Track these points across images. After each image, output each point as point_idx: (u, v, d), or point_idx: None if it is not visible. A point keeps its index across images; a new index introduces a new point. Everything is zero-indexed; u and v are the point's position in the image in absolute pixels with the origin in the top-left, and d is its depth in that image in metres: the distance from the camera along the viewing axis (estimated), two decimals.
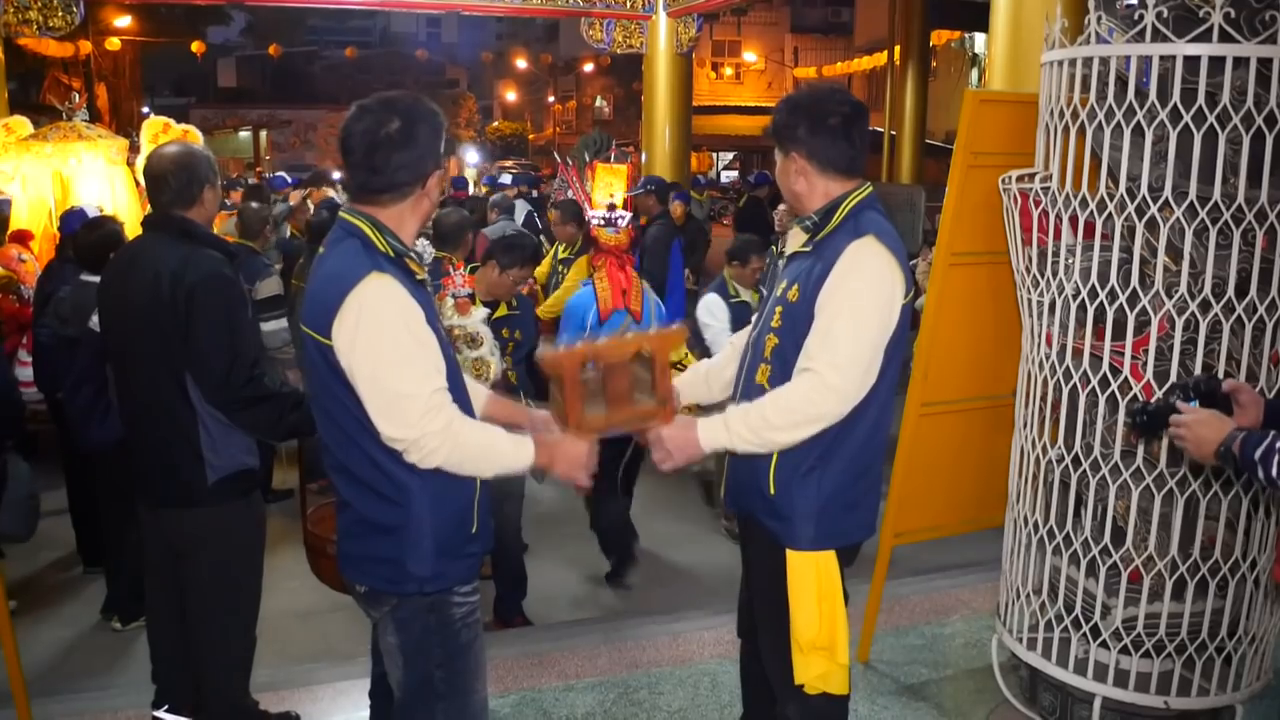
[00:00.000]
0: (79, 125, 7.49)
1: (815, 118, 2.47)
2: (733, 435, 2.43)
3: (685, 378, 2.86)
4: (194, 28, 23.92)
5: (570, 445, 2.37)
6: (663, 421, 2.47)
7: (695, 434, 2.45)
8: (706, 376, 2.87)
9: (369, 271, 2.14)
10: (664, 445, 2.47)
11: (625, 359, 2.44)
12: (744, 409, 2.47)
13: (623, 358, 2.43)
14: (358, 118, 2.20)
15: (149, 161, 3.12)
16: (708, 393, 2.84)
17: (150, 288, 2.92)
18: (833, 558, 2.54)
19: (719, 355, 2.90)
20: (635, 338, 2.45)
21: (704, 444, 2.45)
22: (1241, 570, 3.03)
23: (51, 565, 5.25)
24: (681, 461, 2.49)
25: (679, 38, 10.02)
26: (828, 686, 2.55)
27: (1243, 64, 2.71)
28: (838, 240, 2.43)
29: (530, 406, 2.79)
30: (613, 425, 2.47)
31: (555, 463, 2.35)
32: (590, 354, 2.42)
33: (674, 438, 2.46)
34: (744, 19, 30.73)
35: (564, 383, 2.36)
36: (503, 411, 2.64)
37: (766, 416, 2.40)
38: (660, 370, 2.44)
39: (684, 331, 2.53)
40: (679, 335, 2.48)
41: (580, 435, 2.38)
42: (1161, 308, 2.86)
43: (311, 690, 3.73)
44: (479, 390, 2.64)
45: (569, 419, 2.39)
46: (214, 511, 3.04)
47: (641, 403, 2.47)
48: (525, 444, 2.32)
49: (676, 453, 2.47)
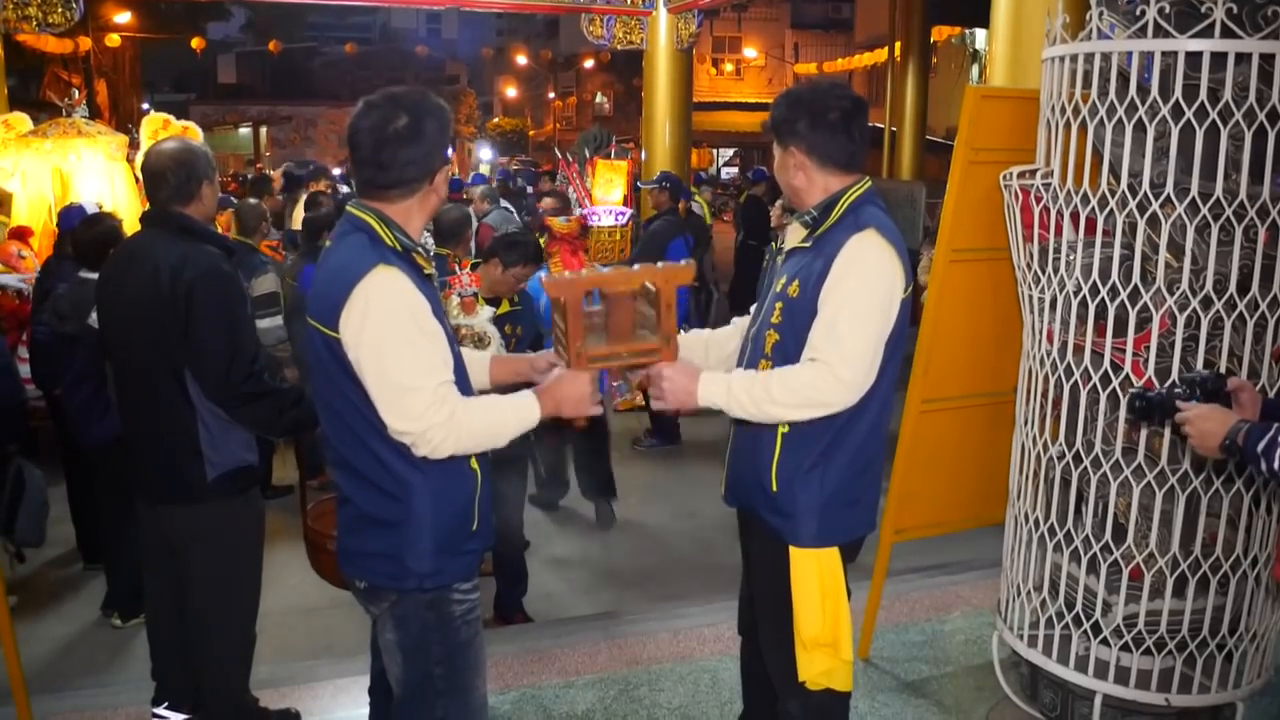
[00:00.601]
0: (79, 122, 7.50)
1: (815, 112, 2.47)
2: (732, 398, 2.40)
3: (686, 339, 2.79)
4: (194, 24, 23.92)
5: (570, 382, 2.33)
6: (665, 359, 2.43)
7: (695, 385, 2.41)
8: (706, 344, 2.83)
9: (376, 264, 2.14)
10: (662, 385, 2.42)
11: (630, 292, 2.39)
12: (750, 376, 2.43)
13: (627, 290, 2.39)
14: (365, 114, 2.20)
15: (147, 158, 3.12)
16: (703, 359, 2.79)
17: (149, 284, 2.91)
18: (835, 554, 2.54)
19: (722, 329, 2.87)
20: (642, 271, 2.40)
21: (701, 397, 2.41)
22: (1243, 567, 3.02)
23: (51, 562, 5.25)
24: (674, 405, 2.44)
25: (679, 34, 10.01)
26: (831, 683, 2.55)
27: (1245, 60, 2.70)
28: (838, 235, 2.43)
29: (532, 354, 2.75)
30: (614, 357, 2.42)
31: (560, 405, 2.32)
32: (595, 283, 2.37)
33: (673, 381, 2.41)
34: (744, 15, 30.70)
35: (567, 312, 2.32)
36: (507, 369, 2.64)
37: (771, 391, 2.37)
38: (665, 307, 2.38)
39: (692, 267, 2.49)
40: (687, 271, 2.43)
41: (580, 367, 2.35)
42: (1163, 304, 2.86)
43: (312, 687, 3.72)
44: (482, 357, 2.64)
45: (570, 349, 2.35)
46: (213, 508, 3.04)
47: (644, 338, 2.44)
48: (528, 402, 2.29)
49: (671, 395, 2.42)
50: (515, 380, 2.53)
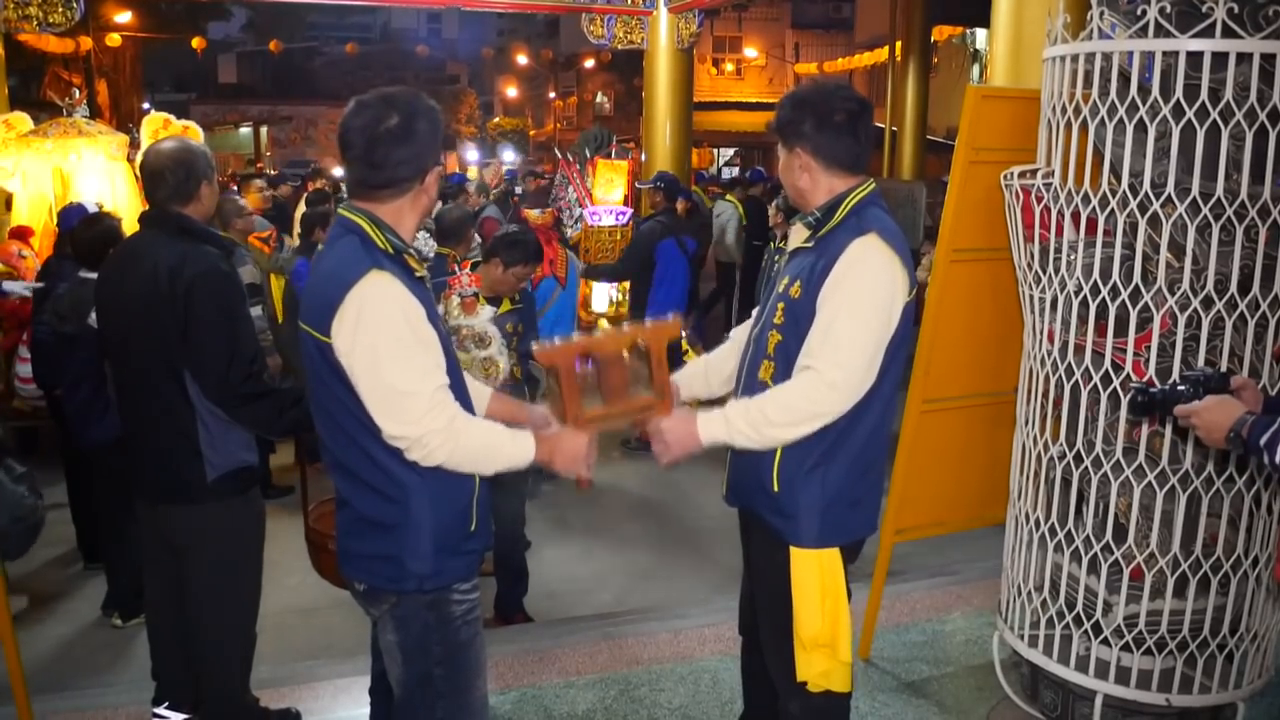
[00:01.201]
0: (79, 121, 7.49)
1: (821, 114, 2.47)
2: (732, 430, 2.43)
3: (685, 372, 2.85)
4: (194, 24, 23.90)
5: (569, 439, 2.37)
6: (661, 413, 2.47)
7: (695, 428, 2.45)
8: (706, 370, 2.86)
9: (369, 269, 2.13)
10: (663, 438, 2.46)
11: (620, 351, 2.43)
12: (744, 404, 2.46)
13: (618, 350, 2.43)
14: (356, 113, 2.20)
15: (146, 157, 3.11)
16: (707, 387, 2.84)
17: (148, 284, 2.91)
18: (836, 555, 2.54)
19: (719, 349, 2.90)
20: (631, 331, 2.46)
21: (703, 438, 2.45)
22: (1243, 568, 3.02)
23: (52, 562, 5.25)
24: (680, 455, 2.48)
25: (680, 33, 10.00)
26: (830, 684, 2.55)
27: (1246, 59, 2.70)
28: (840, 237, 2.43)
29: (530, 405, 2.79)
30: (610, 418, 2.46)
31: (555, 457, 2.35)
32: (585, 347, 2.41)
33: (673, 430, 2.46)
34: (745, 15, 30.65)
35: (560, 377, 2.36)
36: (504, 410, 2.64)
37: (767, 413, 2.40)
38: (657, 362, 2.44)
39: (679, 324, 2.52)
40: (674, 327, 2.47)
41: (579, 429, 2.38)
42: (1164, 304, 2.85)
43: (312, 687, 3.72)
44: (481, 390, 2.64)
45: (567, 413, 2.39)
46: (213, 509, 3.04)
47: (639, 395, 2.47)
48: (526, 440, 2.32)
49: (674, 446, 2.46)
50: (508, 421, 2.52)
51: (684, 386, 2.80)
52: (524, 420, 2.59)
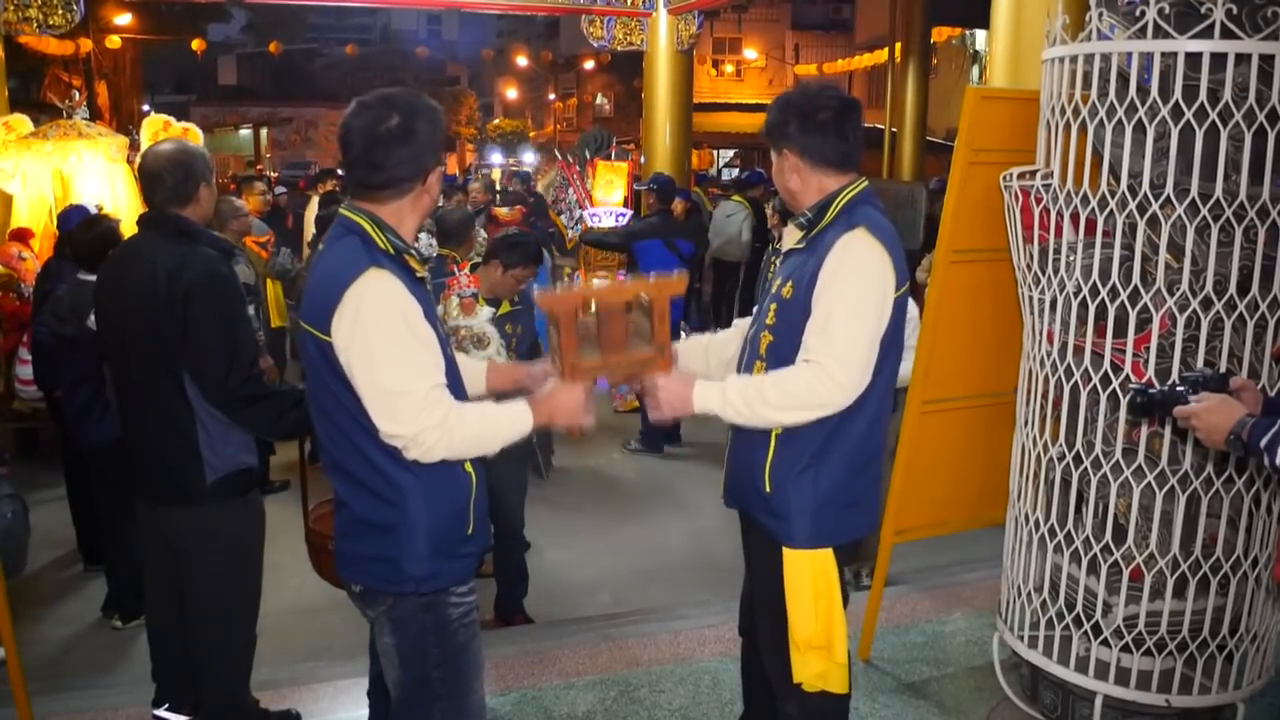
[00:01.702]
0: (79, 123, 7.49)
1: (805, 114, 2.48)
2: (727, 403, 2.42)
3: (685, 344, 2.83)
4: (194, 25, 23.87)
5: (565, 394, 2.35)
6: (660, 369, 2.44)
7: (690, 391, 2.43)
8: (707, 349, 2.84)
9: (367, 267, 2.14)
10: (657, 394, 2.44)
11: (622, 304, 2.40)
12: (744, 381, 2.45)
13: (620, 302, 2.40)
14: (357, 114, 2.20)
15: (144, 160, 3.12)
16: (704, 365, 2.81)
17: (147, 286, 2.91)
18: (830, 556, 2.53)
19: (723, 333, 2.88)
20: (634, 283, 2.43)
21: (697, 403, 2.43)
22: (1243, 568, 3.02)
23: (52, 563, 5.26)
24: (669, 415, 2.47)
25: (680, 35, 10.00)
26: (826, 685, 2.55)
27: (1244, 60, 2.70)
28: (830, 235, 2.43)
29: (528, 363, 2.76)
30: (608, 369, 2.43)
31: (554, 416, 2.34)
32: (587, 296, 2.39)
33: (668, 389, 2.44)
34: (744, 16, 30.63)
35: (560, 325, 2.33)
36: (504, 377, 2.64)
37: (765, 394, 2.39)
38: (659, 317, 2.40)
39: (684, 279, 2.50)
40: (679, 282, 2.44)
41: (575, 380, 2.36)
42: (1163, 305, 2.85)
43: (312, 688, 3.72)
44: (479, 365, 2.64)
45: (564, 362, 2.36)
46: (212, 511, 3.04)
47: (638, 349, 2.44)
48: (521, 410, 2.30)
49: (667, 405, 2.45)
50: (511, 388, 2.54)
51: (682, 357, 2.75)
52: (523, 380, 2.59)
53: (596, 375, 2.41)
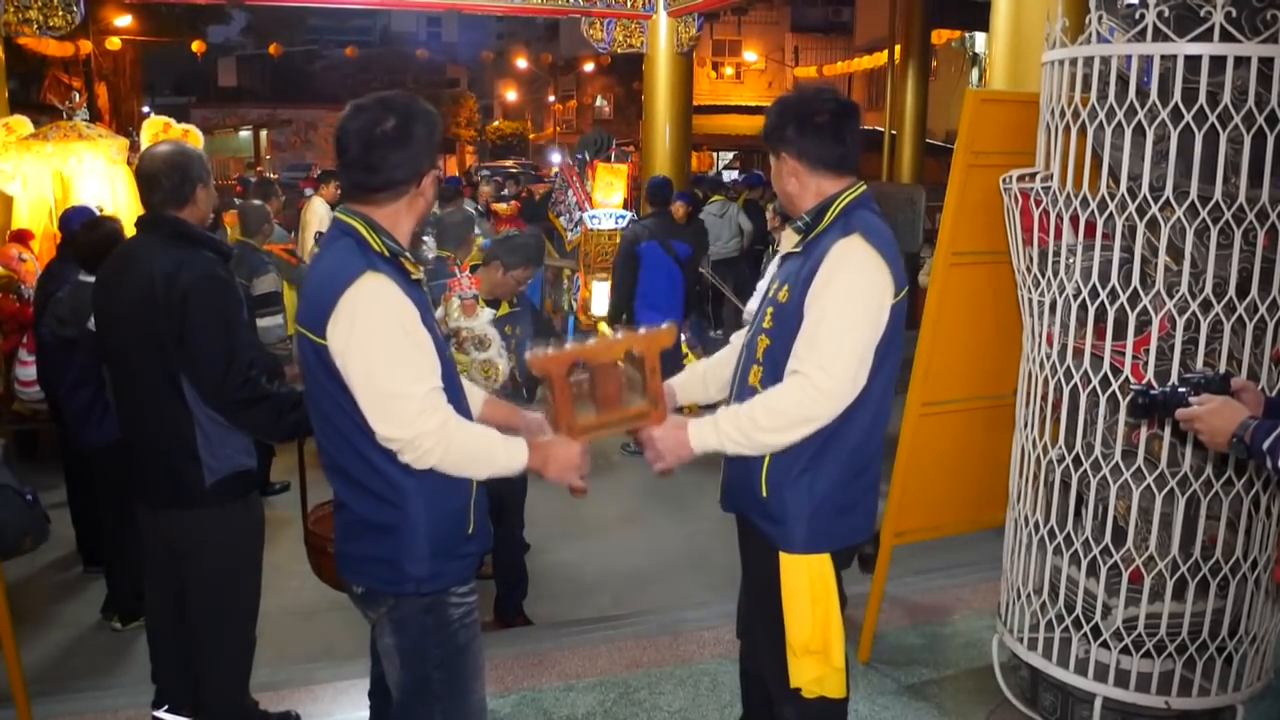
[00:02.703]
0: (79, 125, 7.49)
1: (802, 117, 2.48)
2: (722, 437, 2.42)
3: (682, 377, 2.85)
4: (194, 27, 23.89)
5: (562, 448, 2.37)
6: (654, 422, 2.47)
7: (686, 435, 2.45)
8: (704, 375, 2.86)
9: (363, 271, 2.14)
10: (655, 446, 2.46)
11: (614, 360, 2.43)
12: (734, 410, 2.45)
13: (611, 359, 2.43)
14: (352, 116, 2.21)
15: (141, 162, 3.12)
16: (704, 392, 2.83)
17: (145, 289, 2.91)
18: (826, 561, 2.52)
19: (718, 354, 2.89)
20: (624, 339, 2.44)
21: (694, 445, 2.45)
22: (1242, 570, 3.02)
23: (51, 565, 5.25)
24: (673, 463, 2.48)
25: (679, 37, 10.01)
26: (824, 690, 2.54)
27: (1244, 63, 2.70)
28: (826, 240, 2.42)
29: (525, 410, 2.78)
30: (604, 427, 2.46)
31: (547, 465, 2.35)
32: (578, 356, 2.40)
33: (665, 439, 2.46)
34: (744, 18, 30.68)
35: (553, 385, 2.35)
36: (498, 414, 2.63)
37: (756, 419, 2.39)
38: (650, 371, 2.42)
39: (673, 332, 2.51)
40: (668, 335, 2.46)
41: (572, 438, 2.38)
42: (1162, 307, 2.86)
43: (311, 690, 3.73)
44: (476, 393, 2.64)
45: (559, 421, 2.39)
46: (212, 513, 3.04)
47: (633, 403, 2.46)
48: (519, 446, 2.31)
49: (667, 454, 2.47)
50: (503, 426, 2.51)
51: (681, 391, 2.79)
52: (518, 425, 2.59)
53: (593, 434, 2.43)
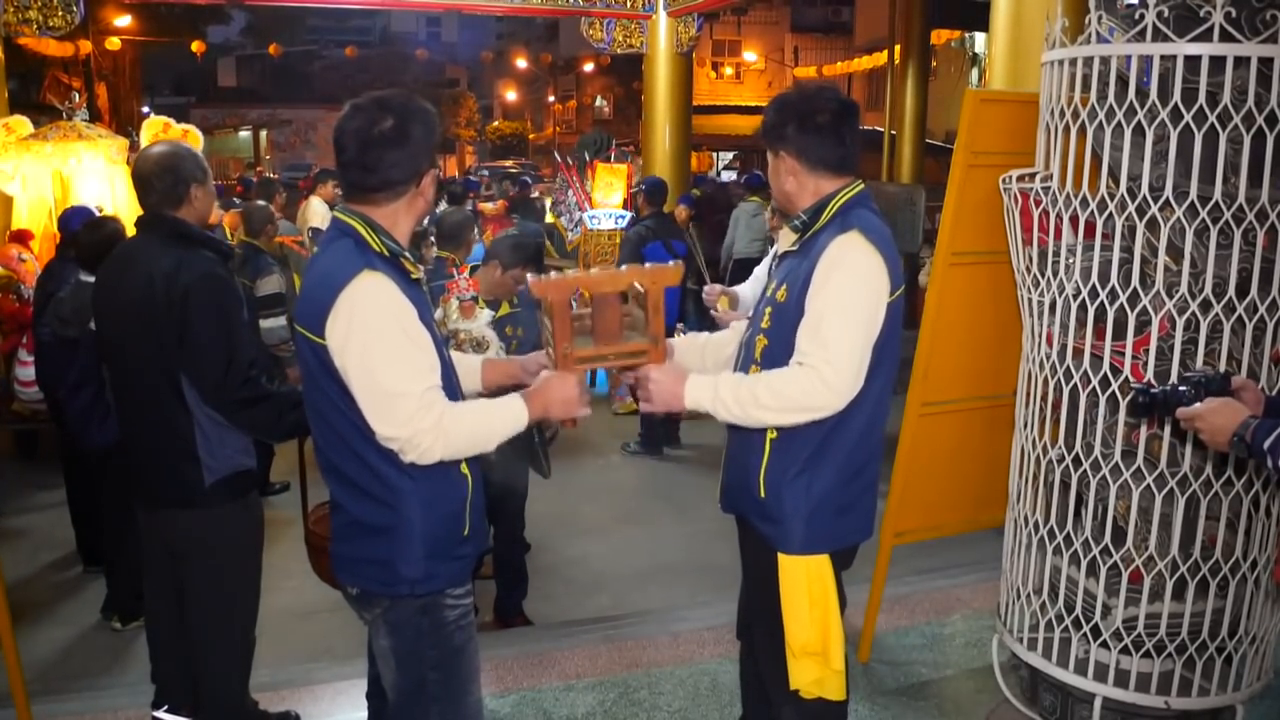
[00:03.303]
0: (79, 125, 7.49)
1: (803, 115, 2.47)
2: (718, 400, 2.40)
3: (682, 341, 2.82)
4: (194, 27, 23.90)
5: (558, 384, 2.32)
6: (653, 360, 2.42)
7: (682, 386, 2.41)
8: (704, 347, 2.83)
9: (361, 270, 2.14)
10: (649, 387, 2.42)
11: (617, 292, 2.38)
12: (737, 379, 2.43)
13: (614, 290, 2.37)
14: (351, 116, 2.21)
15: (136, 164, 3.13)
16: (700, 361, 2.79)
17: (144, 289, 2.92)
18: (825, 561, 2.52)
19: (722, 332, 2.87)
20: (629, 271, 2.39)
21: (688, 398, 2.41)
22: (1242, 570, 3.02)
23: (51, 565, 5.26)
24: (660, 408, 2.44)
25: (679, 37, 10.01)
26: (823, 692, 2.53)
27: (1244, 63, 2.70)
28: (824, 238, 2.42)
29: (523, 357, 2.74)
30: (601, 359, 2.42)
31: (548, 407, 2.32)
32: (580, 283, 2.36)
33: (660, 382, 2.41)
34: (744, 18, 30.70)
35: (553, 314, 2.30)
36: (499, 372, 2.63)
37: (757, 394, 2.37)
38: (653, 308, 2.38)
39: (680, 269, 2.49)
40: (675, 272, 2.43)
41: (568, 369, 2.34)
42: (1162, 308, 2.86)
43: (311, 690, 3.73)
44: (474, 361, 2.63)
45: (557, 350, 2.34)
46: (211, 513, 3.04)
47: (633, 340, 2.43)
48: (516, 405, 2.28)
49: (658, 397, 2.42)
50: (507, 383, 2.53)
51: (679, 354, 2.74)
52: (518, 374, 2.58)
53: (590, 365, 2.40)
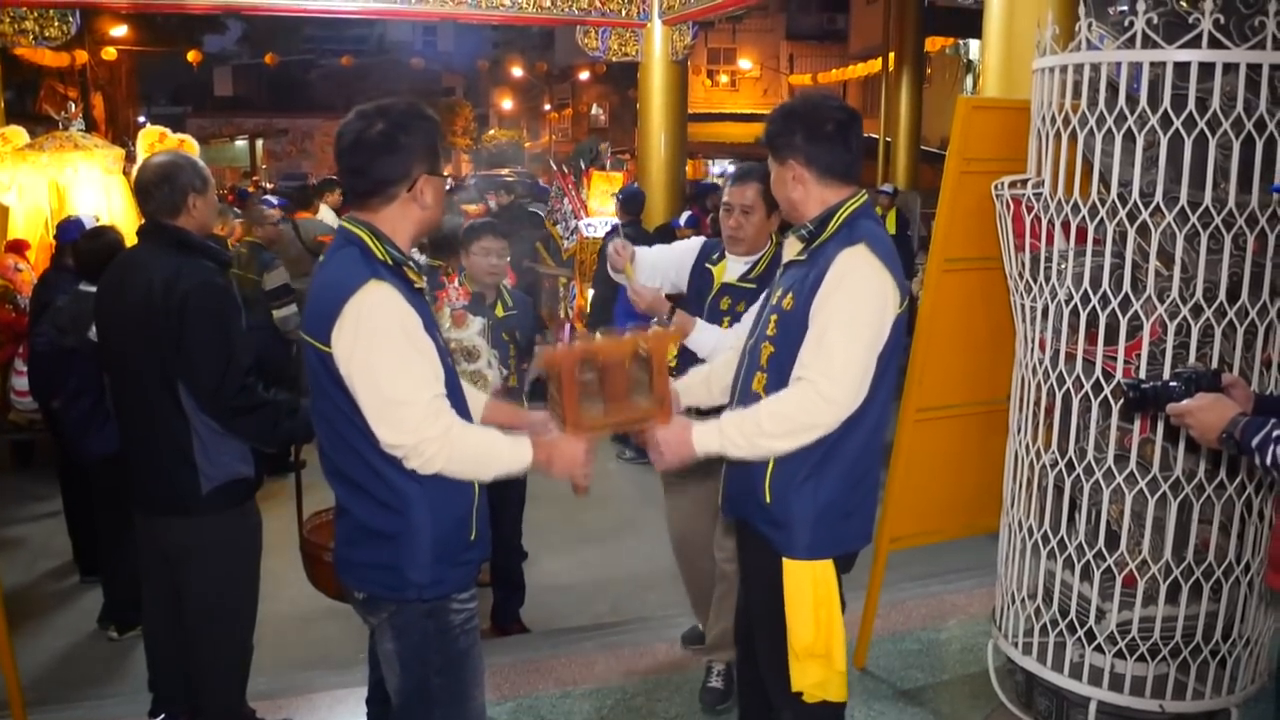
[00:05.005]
0: (75, 135, 7.50)
1: (812, 124, 2.48)
2: (725, 440, 2.44)
3: (686, 380, 2.86)
4: (190, 37, 23.91)
5: (567, 445, 2.37)
6: (660, 421, 2.48)
7: (690, 436, 2.46)
8: (707, 379, 2.87)
9: (367, 279, 2.15)
10: (659, 446, 2.47)
11: (622, 358, 2.43)
12: (739, 415, 2.47)
13: (620, 357, 2.43)
14: (350, 122, 2.24)
15: (137, 173, 3.16)
16: (708, 395, 2.84)
17: (143, 297, 2.93)
18: (829, 566, 2.54)
19: (721, 359, 2.90)
20: (632, 337, 2.45)
21: (697, 447, 2.46)
22: (1235, 574, 3.04)
23: (48, 574, 5.26)
24: (674, 463, 2.50)
25: (674, 45, 10.03)
26: (826, 694, 2.55)
27: (1232, 70, 2.73)
28: (831, 249, 2.44)
29: (527, 410, 2.79)
30: (610, 424, 2.47)
31: (553, 462, 2.35)
32: (587, 353, 2.42)
33: (668, 438, 2.47)
34: (739, 26, 30.73)
35: (561, 382, 2.35)
36: (502, 416, 2.65)
37: (760, 424, 2.41)
38: (657, 370, 2.44)
39: (681, 331, 2.53)
40: (676, 335, 2.48)
41: (578, 435, 2.38)
42: (1153, 313, 2.88)
43: (309, 698, 3.73)
44: (477, 397, 2.65)
45: (566, 418, 2.39)
46: (208, 521, 3.05)
47: (639, 403, 2.47)
48: (523, 444, 2.32)
49: (669, 453, 2.48)
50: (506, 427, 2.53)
51: (684, 393, 2.80)
52: (521, 425, 2.60)
53: (599, 431, 2.44)
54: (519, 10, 9.76)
